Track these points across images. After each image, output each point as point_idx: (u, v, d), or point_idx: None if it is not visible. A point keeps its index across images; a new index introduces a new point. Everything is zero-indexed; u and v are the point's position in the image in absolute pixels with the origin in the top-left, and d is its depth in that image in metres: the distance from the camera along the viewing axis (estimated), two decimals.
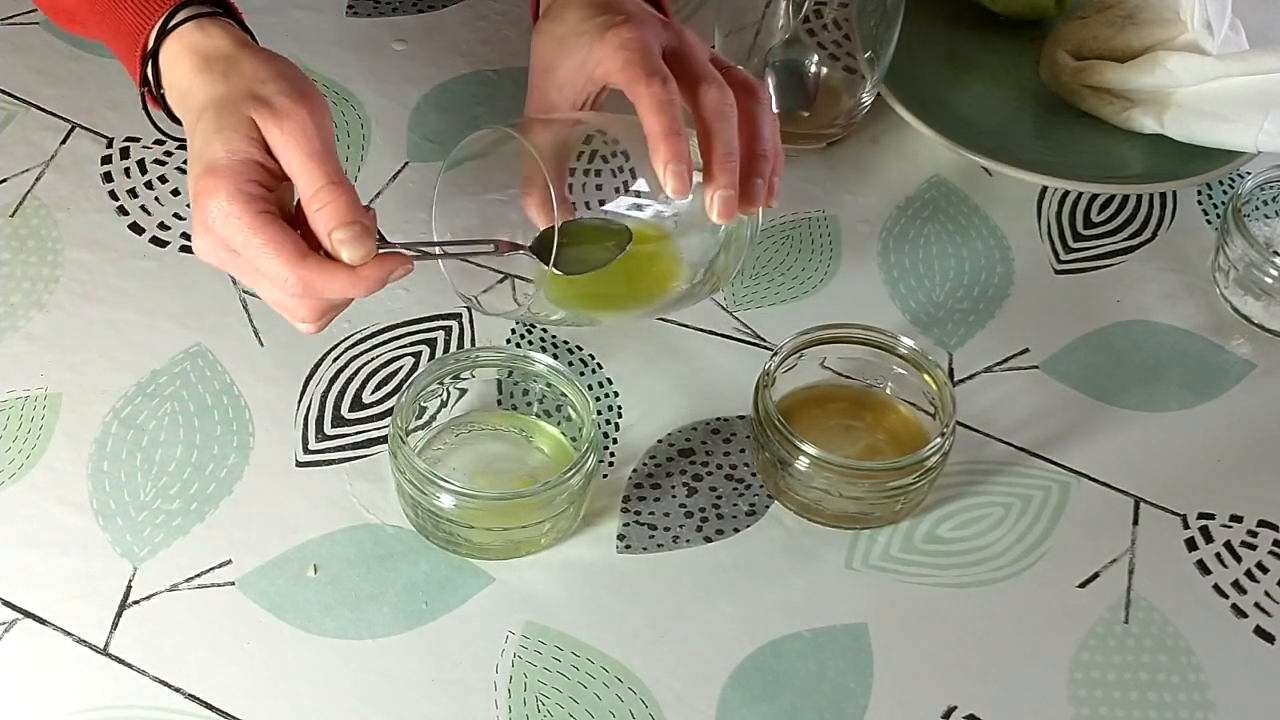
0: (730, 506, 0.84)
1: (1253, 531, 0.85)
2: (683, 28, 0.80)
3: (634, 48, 0.77)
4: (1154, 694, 0.78)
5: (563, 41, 0.80)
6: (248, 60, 0.75)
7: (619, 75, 0.77)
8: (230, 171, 0.71)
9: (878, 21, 0.99)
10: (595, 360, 0.90)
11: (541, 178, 0.77)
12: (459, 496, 0.77)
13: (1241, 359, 0.94)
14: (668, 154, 0.74)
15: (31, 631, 0.76)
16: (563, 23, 0.80)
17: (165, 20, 0.76)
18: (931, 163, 1.04)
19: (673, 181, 0.74)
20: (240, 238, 0.71)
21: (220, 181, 0.71)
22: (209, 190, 0.71)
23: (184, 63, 0.76)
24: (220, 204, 0.71)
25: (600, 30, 0.78)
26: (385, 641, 0.77)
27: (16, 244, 0.93)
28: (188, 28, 0.76)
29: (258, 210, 0.71)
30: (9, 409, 0.85)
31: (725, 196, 0.75)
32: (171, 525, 0.81)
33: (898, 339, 0.86)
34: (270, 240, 0.70)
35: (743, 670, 0.78)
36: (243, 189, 0.71)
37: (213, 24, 0.77)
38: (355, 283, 0.72)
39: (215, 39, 0.76)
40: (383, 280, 0.72)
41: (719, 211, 0.75)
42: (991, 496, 0.86)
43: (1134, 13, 1.04)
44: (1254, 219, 0.98)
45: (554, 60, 0.80)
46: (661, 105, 0.74)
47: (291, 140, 0.72)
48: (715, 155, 0.76)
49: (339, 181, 0.72)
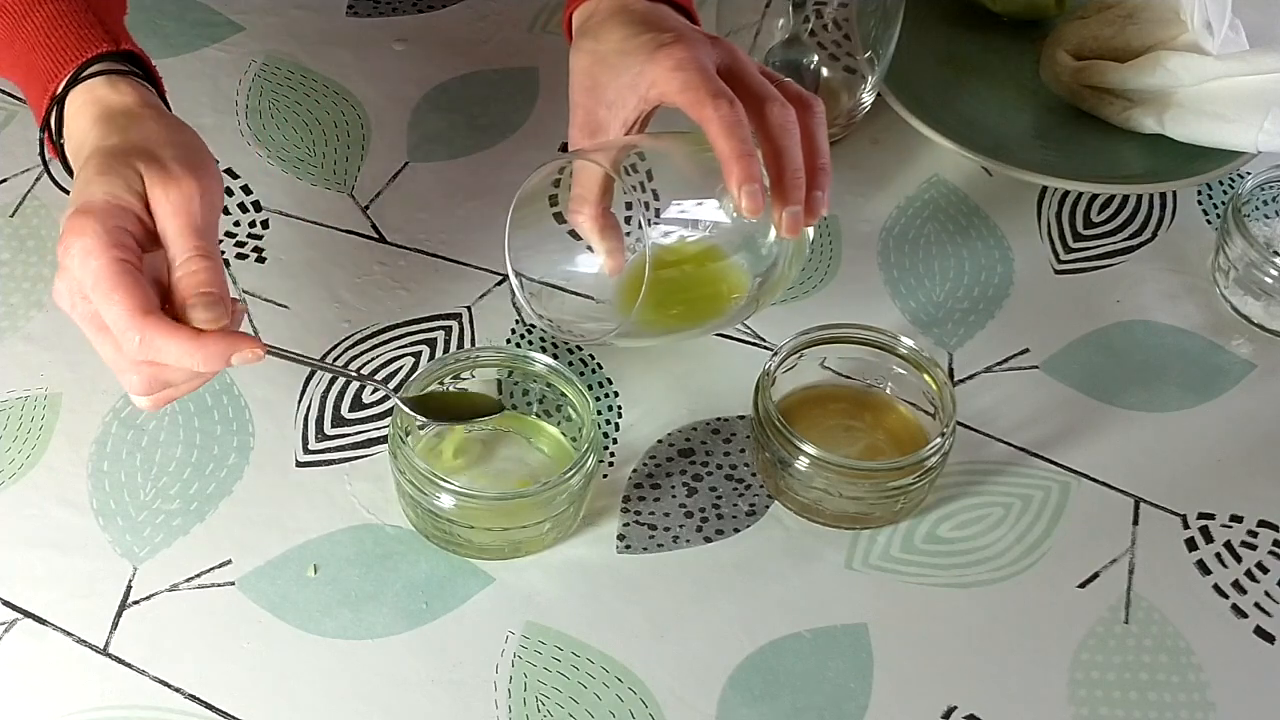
0: (730, 506, 0.84)
1: (1253, 531, 0.85)
2: (730, 43, 0.81)
3: (691, 68, 0.77)
4: (1154, 694, 0.78)
5: (607, 60, 0.80)
6: (151, 121, 0.74)
7: (679, 97, 0.77)
8: (103, 213, 0.69)
9: (878, 21, 0.99)
10: (595, 360, 0.90)
11: (595, 197, 0.80)
12: (459, 496, 0.77)
13: (1241, 359, 0.94)
14: (742, 175, 0.75)
15: (31, 631, 0.76)
16: (605, 41, 0.80)
17: (78, 70, 0.76)
18: (931, 163, 1.04)
19: (748, 202, 0.75)
20: (91, 280, 0.68)
21: (89, 221, 0.69)
22: (76, 229, 0.69)
23: (86, 113, 0.75)
24: (84, 243, 0.68)
25: (650, 49, 0.78)
26: (385, 641, 0.77)
27: (16, 244, 0.93)
28: (98, 81, 0.76)
29: (116, 256, 0.69)
30: (9, 409, 0.85)
31: (794, 213, 0.77)
32: (171, 525, 0.81)
33: (898, 339, 0.86)
34: (119, 287, 0.68)
35: (743, 670, 0.78)
36: (110, 231, 0.69)
37: (125, 82, 0.76)
38: (195, 349, 0.69)
39: (124, 96, 0.75)
40: (224, 356, 0.70)
41: (788, 227, 0.78)
42: (991, 496, 0.86)
43: (1134, 13, 1.04)
44: (1254, 219, 0.98)
45: (601, 79, 0.80)
46: (732, 128, 0.75)
47: (173, 207, 0.71)
48: (786, 174, 0.77)
49: (210, 256, 0.71)
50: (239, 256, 0.93)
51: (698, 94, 0.76)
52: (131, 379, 0.71)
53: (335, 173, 0.99)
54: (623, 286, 0.83)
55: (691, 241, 0.80)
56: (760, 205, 0.75)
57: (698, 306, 0.82)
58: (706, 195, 0.79)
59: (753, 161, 0.75)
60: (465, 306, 0.92)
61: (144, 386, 0.72)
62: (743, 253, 0.81)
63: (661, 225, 0.79)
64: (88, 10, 0.78)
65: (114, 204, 0.70)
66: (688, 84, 0.77)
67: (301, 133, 1.01)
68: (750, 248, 0.81)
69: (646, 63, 0.78)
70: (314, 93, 1.04)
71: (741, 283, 0.82)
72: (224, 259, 0.93)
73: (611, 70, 0.80)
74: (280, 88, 1.04)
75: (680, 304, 0.81)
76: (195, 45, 1.06)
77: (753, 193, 0.75)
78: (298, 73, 1.05)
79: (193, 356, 0.69)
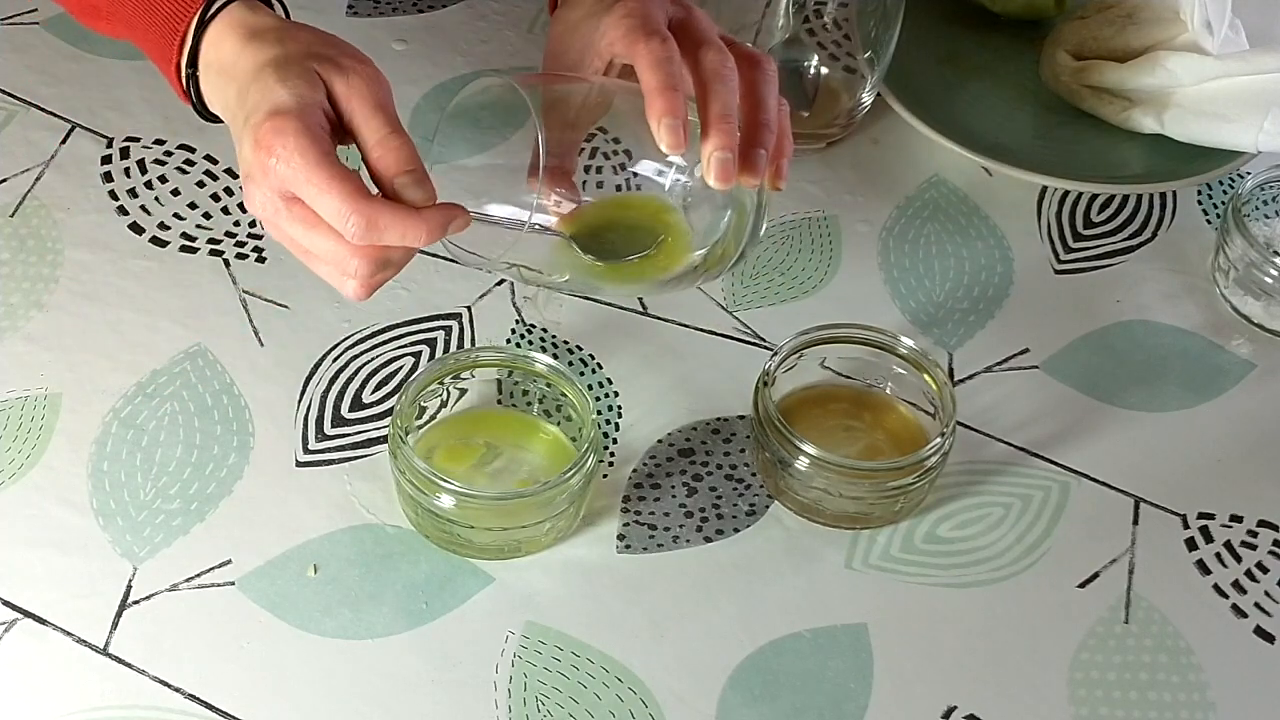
0: (730, 506, 0.84)
1: (1253, 531, 0.85)
2: (692, 4, 0.79)
3: (636, 15, 0.76)
4: (1154, 694, 0.78)
5: (575, 26, 0.80)
6: (303, 30, 0.75)
7: (620, 42, 0.76)
8: (300, 112, 0.70)
9: (878, 21, 0.99)
10: (595, 360, 0.90)
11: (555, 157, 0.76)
12: (459, 496, 0.77)
13: (1241, 359, 0.94)
14: (663, 108, 0.72)
15: (31, 631, 0.76)
16: (577, 9, 0.81)
17: (205, 8, 0.76)
18: (931, 163, 1.04)
19: (667, 136, 0.72)
20: (303, 177, 0.69)
21: (288, 122, 0.69)
22: (276, 129, 0.69)
23: (230, 37, 0.75)
24: (287, 143, 0.69)
25: (608, 5, 0.78)
26: (385, 641, 0.77)
27: (16, 244, 0.93)
28: (234, 7, 0.76)
29: (324, 150, 0.69)
30: (9, 409, 0.85)
31: (722, 159, 0.73)
32: (171, 525, 0.81)
33: (898, 339, 0.86)
34: (335, 177, 0.69)
35: (743, 670, 0.78)
36: (311, 129, 0.70)
37: (260, 7, 0.76)
38: (417, 224, 0.70)
39: (264, 17, 0.76)
40: (443, 226, 0.70)
41: (716, 174, 0.73)
42: (991, 496, 0.86)
43: (1134, 13, 1.04)
44: (1254, 219, 0.98)
45: (566, 44, 0.81)
46: (658, 61, 0.74)
47: (357, 92, 0.71)
48: (711, 115, 0.74)
49: (402, 132, 0.71)
50: (239, 256, 0.93)
51: (634, 34, 0.75)
52: (351, 267, 0.71)
53: None
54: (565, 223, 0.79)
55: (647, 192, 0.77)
56: (680, 141, 0.72)
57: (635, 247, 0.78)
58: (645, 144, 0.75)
59: (675, 96, 0.73)
60: (465, 306, 0.92)
61: (367, 270, 0.72)
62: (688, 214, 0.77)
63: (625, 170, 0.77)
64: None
65: (305, 103, 0.70)
66: (630, 28, 0.76)
67: None
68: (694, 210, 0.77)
69: (604, 17, 0.78)
70: None
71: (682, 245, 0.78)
72: (223, 259, 0.93)
73: (577, 33, 0.80)
74: None
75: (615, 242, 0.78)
76: None
77: (672, 127, 0.72)
78: None
79: (417, 229, 0.70)
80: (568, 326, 0.92)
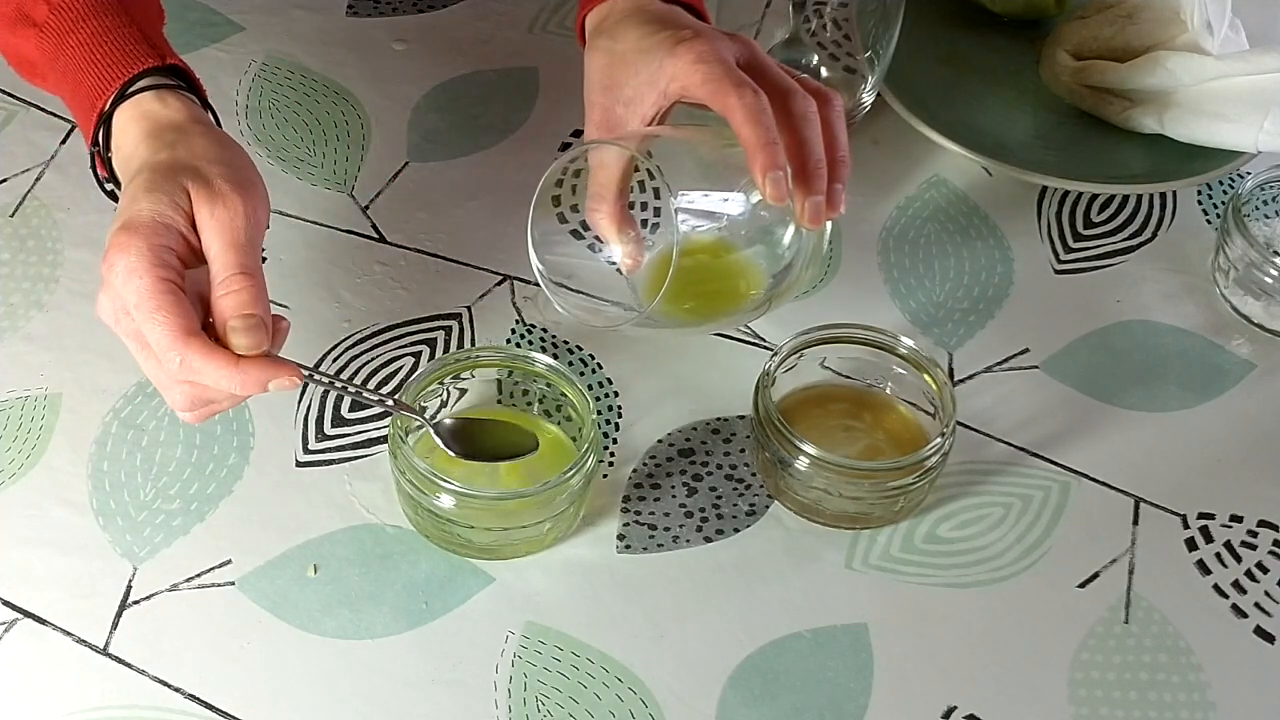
0: (730, 506, 0.84)
1: (1253, 531, 0.85)
2: (748, 38, 0.81)
3: (712, 60, 0.77)
4: (1154, 694, 0.78)
5: (625, 58, 0.80)
6: (199, 137, 0.74)
7: (701, 89, 0.77)
8: (148, 230, 0.70)
9: (878, 21, 0.99)
10: (595, 360, 0.90)
11: (613, 194, 0.79)
12: (459, 496, 0.77)
13: (1241, 359, 0.94)
14: (766, 162, 0.75)
15: (31, 631, 0.76)
16: (623, 40, 0.81)
17: (125, 86, 0.76)
18: (931, 163, 1.04)
19: (772, 189, 0.75)
20: (134, 299, 0.69)
21: (134, 238, 0.69)
22: (121, 245, 0.70)
23: (134, 129, 0.75)
24: (128, 260, 0.69)
25: (669, 45, 0.78)
26: (385, 641, 0.77)
27: (16, 244, 0.93)
28: (145, 96, 0.76)
29: (159, 275, 0.69)
30: (9, 409, 0.85)
31: (816, 203, 0.77)
32: (171, 525, 0.81)
33: (898, 339, 0.86)
34: (162, 307, 0.69)
35: (743, 670, 0.78)
36: (153, 249, 0.69)
37: (172, 96, 0.76)
38: (233, 375, 0.70)
39: (171, 110, 0.75)
40: (262, 382, 0.71)
41: (810, 217, 0.78)
42: (991, 496, 0.86)
43: (1134, 13, 1.04)
44: (1254, 219, 0.98)
45: (618, 76, 0.80)
46: (757, 116, 0.75)
47: (218, 225, 0.71)
48: (809, 164, 0.77)
49: (252, 274, 0.71)
50: None
51: (721, 84, 0.76)
52: (174, 395, 0.72)
53: (335, 173, 0.99)
54: (644, 274, 0.83)
55: (709, 234, 0.80)
56: (784, 193, 0.75)
57: (714, 300, 0.82)
58: (727, 187, 0.79)
59: (777, 150, 0.75)
60: (465, 306, 0.92)
61: (186, 403, 0.73)
62: (759, 248, 0.81)
63: (683, 214, 0.79)
64: (132, 25, 0.78)
65: (159, 221, 0.70)
66: (710, 75, 0.77)
67: (301, 133, 1.01)
68: (768, 244, 0.81)
69: (667, 58, 0.78)
70: (314, 93, 1.04)
71: (758, 279, 0.82)
72: None
73: (630, 68, 0.80)
74: (280, 88, 1.04)
75: (697, 296, 0.81)
76: (195, 45, 1.06)
77: (777, 180, 0.75)
78: (298, 73, 1.05)
79: (231, 381, 0.70)
80: (568, 326, 0.92)
